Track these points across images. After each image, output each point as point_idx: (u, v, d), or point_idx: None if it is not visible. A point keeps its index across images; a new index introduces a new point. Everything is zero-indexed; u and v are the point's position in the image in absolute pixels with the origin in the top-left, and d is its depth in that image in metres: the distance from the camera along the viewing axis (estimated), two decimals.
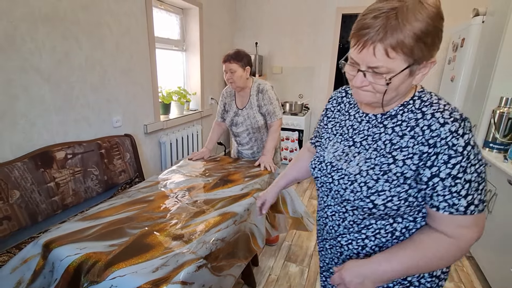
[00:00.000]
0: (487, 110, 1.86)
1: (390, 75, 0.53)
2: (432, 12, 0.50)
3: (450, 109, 0.56)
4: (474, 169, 0.53)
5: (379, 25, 0.50)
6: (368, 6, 0.54)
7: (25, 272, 0.93)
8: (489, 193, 1.69)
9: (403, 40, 0.50)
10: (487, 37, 1.98)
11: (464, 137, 0.53)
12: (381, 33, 0.50)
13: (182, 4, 2.62)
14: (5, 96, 1.34)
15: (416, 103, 0.60)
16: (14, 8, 1.32)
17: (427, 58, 0.53)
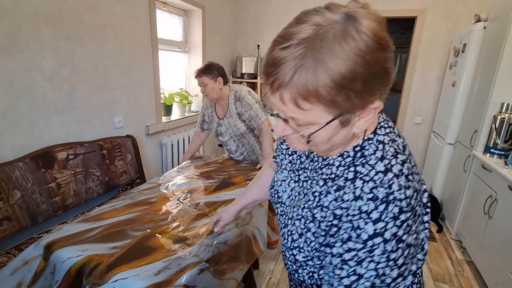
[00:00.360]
0: (488, 115, 1.87)
1: (310, 131, 0.41)
2: (364, 44, 0.35)
3: (381, 181, 0.42)
4: (374, 267, 0.40)
5: (285, 63, 0.36)
6: (285, 26, 0.39)
7: (25, 273, 0.93)
8: (490, 199, 1.69)
9: (316, 88, 0.35)
10: (489, 43, 1.99)
11: (376, 225, 0.40)
12: (288, 75, 0.36)
13: (185, 6, 2.63)
14: (8, 96, 1.34)
15: (357, 156, 0.47)
16: (18, 8, 1.32)
17: (362, 107, 0.39)
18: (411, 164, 0.45)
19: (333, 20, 0.36)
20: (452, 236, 2.22)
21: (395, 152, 0.45)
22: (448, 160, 2.46)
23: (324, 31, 0.35)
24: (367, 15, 0.36)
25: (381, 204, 0.40)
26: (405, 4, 2.85)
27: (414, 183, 0.44)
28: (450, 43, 2.75)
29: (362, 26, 0.35)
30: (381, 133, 0.47)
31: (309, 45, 0.35)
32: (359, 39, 0.35)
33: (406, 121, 3.13)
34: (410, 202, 0.41)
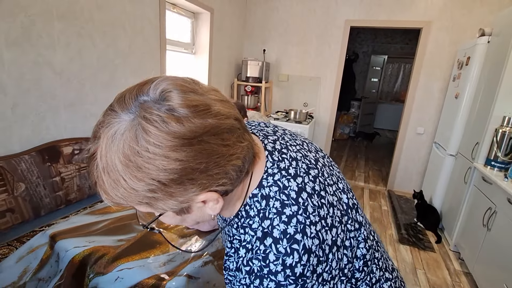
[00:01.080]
0: (490, 128, 1.89)
1: (149, 220, 0.41)
2: (150, 159, 0.31)
3: (256, 251, 0.38)
4: None
5: (90, 165, 0.35)
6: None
7: (31, 261, 0.94)
8: (489, 211, 1.70)
9: (116, 198, 0.34)
10: (492, 57, 2.02)
11: None
12: (94, 178, 0.35)
13: (194, 9, 2.67)
14: (18, 90, 1.36)
15: (244, 217, 0.43)
16: (32, 4, 1.35)
17: (184, 204, 0.36)
18: (307, 214, 0.40)
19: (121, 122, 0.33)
20: (450, 247, 2.22)
21: (281, 206, 0.40)
22: (449, 171, 2.47)
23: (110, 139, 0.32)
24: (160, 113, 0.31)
25: (256, 279, 0.37)
26: (411, 15, 2.89)
27: (307, 241, 0.38)
28: (454, 55, 2.78)
29: (149, 134, 0.31)
30: (267, 184, 0.42)
31: (99, 155, 0.33)
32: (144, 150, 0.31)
33: (408, 131, 3.15)
34: (294, 273, 0.37)
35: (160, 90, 0.33)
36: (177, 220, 0.41)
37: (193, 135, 0.32)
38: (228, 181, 0.37)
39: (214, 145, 0.33)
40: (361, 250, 0.48)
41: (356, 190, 3.33)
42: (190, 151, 0.32)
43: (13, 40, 1.30)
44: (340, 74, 3.29)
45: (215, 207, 0.38)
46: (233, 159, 0.35)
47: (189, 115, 0.32)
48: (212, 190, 0.36)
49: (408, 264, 2.02)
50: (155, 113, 0.31)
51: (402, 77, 7.02)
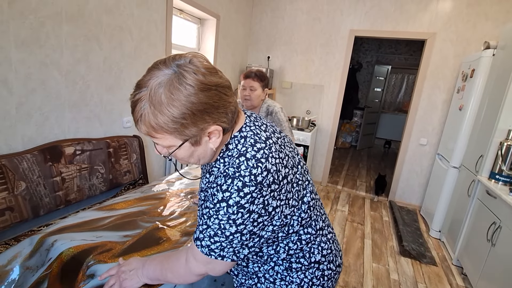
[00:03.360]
0: (495, 141, 1.87)
1: (170, 151, 0.56)
2: (188, 92, 0.49)
3: (232, 163, 0.56)
4: (218, 221, 0.55)
5: (135, 107, 0.51)
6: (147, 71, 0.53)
7: (25, 246, 0.94)
8: (493, 225, 1.67)
9: (158, 125, 0.50)
10: (497, 70, 2.01)
11: (224, 194, 0.54)
12: (138, 115, 0.51)
13: (201, 15, 2.71)
14: (24, 89, 1.37)
15: (225, 150, 0.61)
16: (42, 6, 1.37)
17: (200, 132, 0.53)
18: (270, 151, 0.58)
19: (165, 73, 0.50)
20: (453, 261, 2.18)
21: (254, 142, 0.58)
22: (452, 183, 2.44)
23: (158, 82, 0.49)
24: (192, 68, 0.50)
25: (228, 179, 0.55)
26: (415, 26, 2.91)
27: (267, 164, 0.56)
28: (459, 67, 2.78)
29: (187, 79, 0.49)
30: (245, 130, 0.61)
31: (148, 95, 0.49)
32: (183, 88, 0.49)
33: (411, 141, 3.13)
34: (256, 179, 0.54)
35: (188, 58, 0.52)
36: (189, 153, 0.57)
37: (212, 84, 0.52)
38: (227, 120, 0.56)
39: (222, 93, 0.54)
40: (307, 197, 0.67)
41: (357, 200, 3.30)
42: (210, 94, 0.51)
43: (22, 41, 1.32)
44: (344, 83, 3.29)
45: (216, 141, 0.56)
46: (230, 105, 0.56)
47: (207, 73, 0.52)
48: (218, 124, 0.54)
49: (409, 277, 1.98)
50: (188, 69, 0.50)
51: (406, 87, 7.03)
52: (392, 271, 2.04)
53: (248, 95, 1.63)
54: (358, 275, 1.96)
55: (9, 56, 1.29)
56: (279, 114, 1.69)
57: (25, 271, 0.89)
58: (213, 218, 0.56)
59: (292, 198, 0.62)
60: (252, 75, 1.61)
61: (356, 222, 2.73)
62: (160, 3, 2.08)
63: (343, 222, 2.71)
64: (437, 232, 2.58)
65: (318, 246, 0.70)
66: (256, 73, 1.62)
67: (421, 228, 2.71)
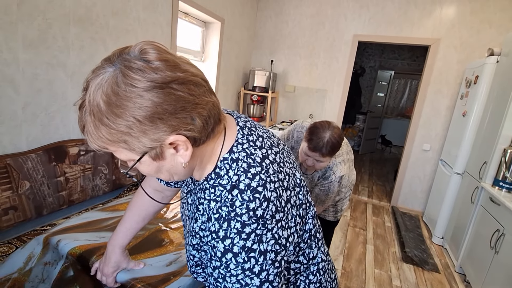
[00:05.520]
0: (498, 148, 1.86)
1: (129, 166, 0.45)
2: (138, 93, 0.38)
3: (225, 199, 0.45)
4: (236, 279, 0.44)
5: (80, 118, 0.42)
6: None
7: (35, 246, 0.94)
8: (497, 233, 1.66)
9: (105, 139, 0.41)
10: (501, 77, 2.01)
11: (224, 242, 0.44)
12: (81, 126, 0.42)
13: (206, 18, 2.73)
14: (30, 89, 1.39)
15: (215, 177, 0.49)
16: (51, 8, 1.39)
17: (156, 144, 0.41)
18: (268, 174, 0.48)
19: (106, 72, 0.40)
20: (456, 268, 2.16)
21: (248, 167, 0.47)
22: (456, 190, 2.42)
23: (97, 83, 0.39)
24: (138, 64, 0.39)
25: (224, 222, 0.44)
26: (419, 33, 2.92)
27: (266, 193, 0.46)
28: (462, 73, 2.78)
29: (129, 77, 0.38)
30: (237, 150, 0.49)
31: (87, 101, 0.40)
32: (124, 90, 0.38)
33: (414, 147, 3.12)
34: (256, 214, 0.44)
35: (138, 48, 0.40)
36: (153, 169, 0.46)
37: (164, 81, 0.38)
38: (195, 128, 0.43)
39: (181, 92, 0.40)
40: (309, 224, 0.57)
41: (359, 205, 3.28)
42: (160, 94, 0.38)
43: (30, 42, 1.34)
44: (347, 87, 3.30)
45: (185, 154, 0.44)
46: (198, 108, 0.42)
47: (161, 67, 0.39)
48: (180, 133, 0.42)
49: (411, 284, 1.96)
50: (133, 63, 0.38)
51: (409, 93, 7.03)
52: (394, 277, 2.02)
53: (312, 165, 1.25)
54: (360, 280, 1.94)
55: (17, 57, 1.31)
56: (333, 185, 1.31)
57: (46, 267, 0.90)
58: (228, 278, 0.45)
59: (299, 223, 0.53)
60: (323, 151, 1.15)
61: (358, 227, 2.72)
62: (166, 7, 2.10)
63: (345, 227, 2.70)
64: (440, 238, 2.56)
65: (306, 278, 0.61)
66: (330, 149, 1.16)
67: (424, 234, 2.69)
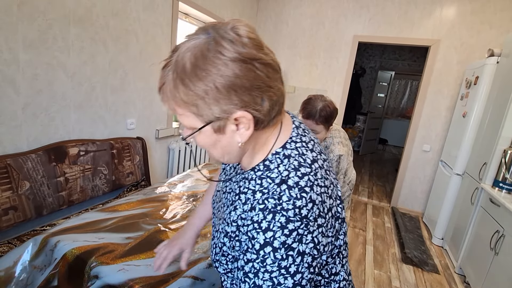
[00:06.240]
0: (498, 149, 1.86)
1: (189, 133, 0.46)
2: (224, 62, 0.40)
3: (273, 192, 0.44)
4: (269, 276, 0.42)
5: (161, 77, 0.45)
6: None
7: (30, 247, 0.95)
8: (497, 234, 1.65)
9: (181, 99, 0.42)
10: (501, 77, 2.01)
11: (266, 234, 0.42)
12: (165, 88, 0.44)
13: (206, 19, 2.74)
14: (30, 90, 1.39)
15: (264, 168, 0.49)
16: (51, 8, 1.40)
17: (224, 115, 0.43)
18: (316, 177, 0.47)
19: (198, 39, 0.42)
20: (455, 269, 2.15)
21: (298, 165, 0.47)
22: (456, 190, 2.42)
23: (187, 47, 0.42)
24: (231, 35, 0.41)
25: (269, 214, 0.43)
26: (419, 33, 2.92)
27: (312, 194, 0.45)
28: (462, 74, 2.77)
29: (220, 46, 0.40)
30: (290, 147, 0.50)
31: (175, 61, 0.42)
32: (212, 56, 0.40)
33: (414, 147, 3.12)
34: (300, 212, 0.43)
35: (232, 23, 0.43)
36: (210, 142, 0.47)
37: (249, 57, 0.41)
38: (262, 110, 0.44)
39: (260, 72, 0.42)
40: (340, 240, 0.54)
41: (359, 205, 3.28)
42: (243, 68, 0.41)
43: (30, 42, 1.34)
44: (347, 88, 3.30)
45: (245, 134, 0.45)
46: (271, 91, 0.44)
47: (249, 44, 0.42)
48: (248, 110, 0.43)
49: (411, 285, 1.96)
50: (226, 34, 0.41)
51: (409, 93, 7.02)
52: (394, 278, 2.02)
53: None
54: (359, 281, 1.94)
55: (17, 57, 1.31)
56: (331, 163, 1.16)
57: (33, 270, 0.90)
58: (261, 273, 0.42)
59: (336, 236, 0.50)
60: (316, 117, 1.15)
61: (358, 228, 2.72)
62: (166, 7, 2.11)
63: None
64: (439, 239, 2.56)
65: None
66: (324, 116, 1.16)
67: (424, 235, 2.69)
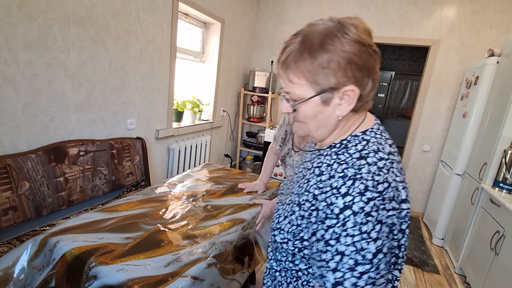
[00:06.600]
0: (499, 149, 1.85)
1: (297, 102, 0.52)
2: (345, 40, 0.47)
3: (352, 163, 0.48)
4: (351, 241, 0.42)
5: (286, 48, 0.51)
6: None
7: (29, 247, 0.95)
8: (497, 234, 1.65)
9: (303, 66, 0.48)
10: (501, 77, 2.01)
11: (345, 198, 0.44)
12: (285, 56, 0.51)
13: (206, 19, 2.74)
14: (30, 90, 1.39)
15: (341, 146, 0.54)
16: (51, 9, 1.40)
17: (338, 86, 0.49)
18: (392, 166, 0.49)
19: (326, 23, 0.50)
20: (456, 270, 2.15)
21: (377, 149, 0.50)
22: (456, 191, 2.42)
23: (315, 28, 0.49)
24: (352, 22, 0.50)
25: (349, 180, 0.45)
26: (419, 33, 2.91)
27: (388, 177, 0.47)
28: (463, 74, 2.77)
29: (346, 28, 0.48)
30: (369, 134, 0.54)
31: (302, 38, 0.49)
32: (341, 35, 0.47)
33: (414, 147, 3.12)
34: (377, 186, 0.45)
35: (350, 18, 0.51)
36: (314, 112, 0.52)
37: (366, 42, 0.49)
38: (365, 90, 0.51)
39: (372, 57, 0.50)
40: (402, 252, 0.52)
41: None
42: (361, 49, 0.48)
43: (30, 42, 1.34)
44: None
45: (346, 108, 0.50)
46: (375, 75, 0.51)
47: (365, 33, 0.50)
48: (357, 86, 0.49)
49: (411, 285, 1.95)
50: (351, 21, 0.49)
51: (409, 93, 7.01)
52: None
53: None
54: None
55: (17, 58, 1.31)
56: None
57: (32, 271, 0.90)
58: (343, 238, 0.43)
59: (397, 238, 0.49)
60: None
61: None
62: (166, 7, 2.11)
63: None
64: (440, 240, 2.55)
65: None
66: None
67: (424, 235, 2.69)
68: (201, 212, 1.21)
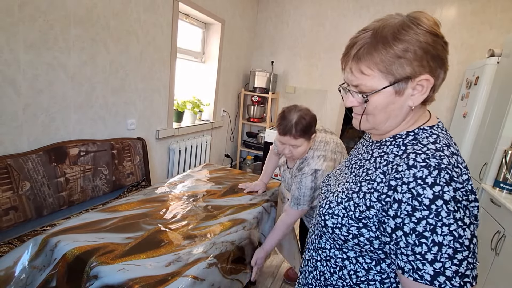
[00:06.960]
0: (499, 149, 1.85)
1: (369, 93, 0.51)
2: (419, 30, 0.48)
3: (432, 154, 0.47)
4: (448, 230, 0.42)
5: (356, 42, 0.51)
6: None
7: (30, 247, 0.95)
8: (498, 234, 1.65)
9: (377, 56, 0.49)
10: (502, 78, 2.01)
11: (433, 188, 0.43)
12: (356, 49, 0.51)
13: (206, 20, 2.74)
14: (31, 91, 1.39)
15: (408, 137, 0.54)
16: (52, 9, 1.40)
17: (413, 76, 0.49)
18: (461, 163, 0.49)
19: (396, 18, 0.51)
20: None
21: (448, 144, 0.51)
22: None
23: (388, 21, 0.50)
24: (423, 15, 0.51)
25: (434, 170, 0.45)
26: None
27: (465, 170, 0.48)
28: (463, 74, 2.77)
29: (419, 20, 0.49)
30: (437, 130, 0.54)
31: (372, 33, 0.50)
32: (415, 26, 0.48)
33: None
34: (459, 178, 0.45)
35: (421, 12, 0.52)
36: (385, 103, 0.52)
37: (437, 34, 0.49)
38: (437, 80, 0.51)
39: (444, 49, 0.50)
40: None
41: None
42: (435, 40, 0.49)
43: (31, 43, 1.35)
44: None
45: (419, 98, 0.51)
46: (446, 66, 0.52)
47: (437, 25, 0.51)
48: (432, 75, 0.49)
49: None
50: (420, 15, 0.50)
51: None
52: None
53: (290, 153, 1.18)
54: None
55: (18, 58, 1.31)
56: (305, 178, 1.17)
57: (33, 271, 0.90)
58: (439, 228, 0.42)
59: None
60: (293, 133, 1.11)
61: None
62: (166, 8, 2.11)
63: None
64: None
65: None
66: (301, 128, 1.11)
67: None
68: (201, 212, 1.21)
